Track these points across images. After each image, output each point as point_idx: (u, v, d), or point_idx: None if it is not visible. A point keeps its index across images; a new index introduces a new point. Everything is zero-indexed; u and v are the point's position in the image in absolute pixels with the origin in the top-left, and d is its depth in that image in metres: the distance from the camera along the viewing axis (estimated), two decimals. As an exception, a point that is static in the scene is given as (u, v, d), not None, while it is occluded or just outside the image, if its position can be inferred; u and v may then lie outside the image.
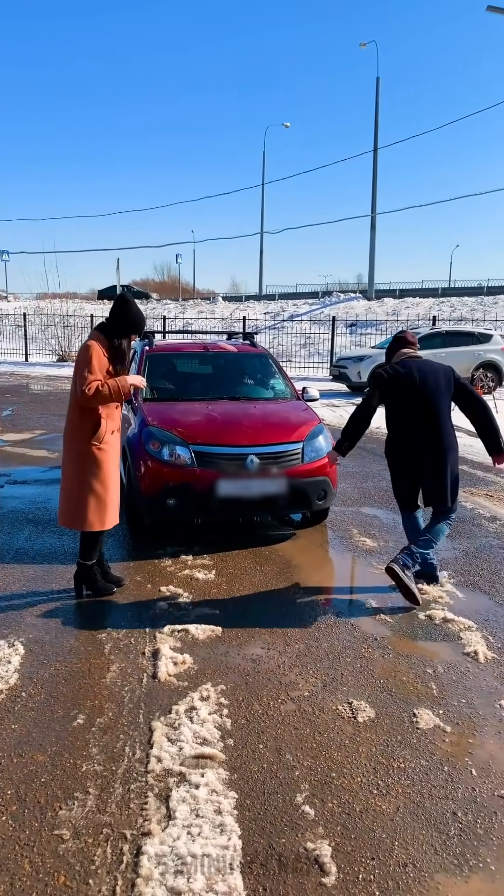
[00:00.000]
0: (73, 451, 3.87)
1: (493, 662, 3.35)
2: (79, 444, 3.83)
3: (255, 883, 2.00)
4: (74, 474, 3.85)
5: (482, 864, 2.08)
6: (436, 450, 4.04)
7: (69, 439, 3.91)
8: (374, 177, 33.19)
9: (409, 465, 4.14)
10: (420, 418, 4.05)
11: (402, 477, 4.24)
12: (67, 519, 3.92)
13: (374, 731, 2.77)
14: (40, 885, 1.99)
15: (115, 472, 3.95)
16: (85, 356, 3.75)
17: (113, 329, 3.85)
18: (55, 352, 24.22)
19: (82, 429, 3.81)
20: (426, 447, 4.05)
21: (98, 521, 3.86)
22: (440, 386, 4.07)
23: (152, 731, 2.73)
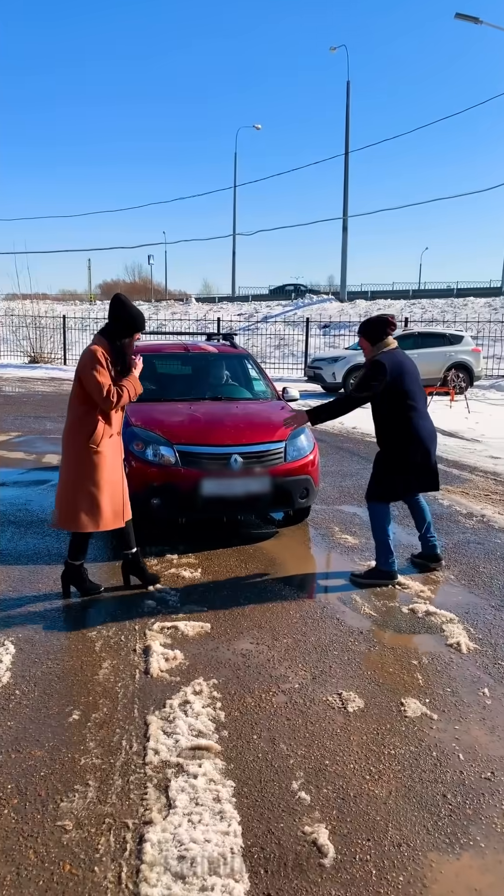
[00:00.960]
0: (70, 452, 3.90)
1: (475, 653, 3.47)
2: (75, 446, 3.86)
3: (257, 865, 2.07)
4: (69, 475, 3.88)
5: (472, 842, 2.18)
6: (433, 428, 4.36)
7: (66, 441, 3.94)
8: (346, 180, 33.52)
9: (423, 451, 4.23)
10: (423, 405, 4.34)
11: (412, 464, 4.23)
12: (61, 519, 3.93)
13: (364, 720, 2.86)
14: (46, 874, 2.03)
15: (114, 475, 3.94)
16: (91, 362, 3.77)
17: (114, 331, 3.89)
18: (27, 353, 24.00)
19: (79, 431, 3.84)
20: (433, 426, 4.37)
21: (91, 523, 3.87)
22: None
23: (148, 724, 2.78)
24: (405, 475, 4.29)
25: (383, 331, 4.35)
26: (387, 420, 4.29)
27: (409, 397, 4.23)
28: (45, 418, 11.81)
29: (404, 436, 4.22)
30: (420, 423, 4.25)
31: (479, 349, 17.11)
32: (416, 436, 4.21)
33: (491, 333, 20.94)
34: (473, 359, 16.42)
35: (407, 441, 4.22)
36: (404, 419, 4.21)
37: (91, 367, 3.77)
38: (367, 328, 4.43)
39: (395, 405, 4.23)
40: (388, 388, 4.19)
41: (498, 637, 3.64)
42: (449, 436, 10.38)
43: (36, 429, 10.66)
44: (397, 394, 4.21)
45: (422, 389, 4.38)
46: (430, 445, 4.27)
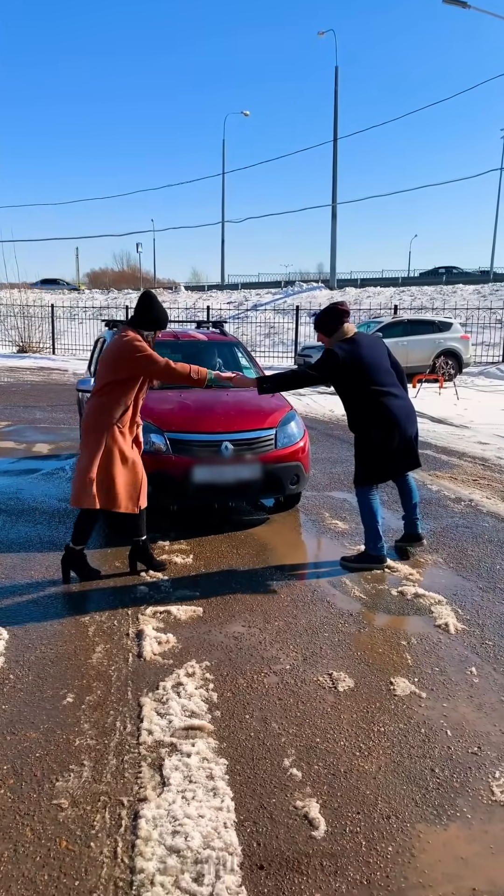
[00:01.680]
0: (91, 435, 3.96)
1: (462, 633, 3.53)
2: (97, 429, 3.93)
3: (249, 838, 2.12)
4: (89, 456, 3.93)
5: (459, 814, 2.24)
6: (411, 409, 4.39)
7: (89, 425, 4.00)
8: (335, 166, 33.40)
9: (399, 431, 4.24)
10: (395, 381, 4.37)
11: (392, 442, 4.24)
12: (75, 497, 3.99)
13: (354, 699, 2.91)
14: (43, 850, 2.07)
15: (132, 461, 4.03)
16: (134, 343, 3.90)
17: (141, 324, 4.01)
18: (15, 343, 23.85)
19: (102, 413, 3.94)
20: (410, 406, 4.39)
21: (106, 501, 3.94)
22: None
23: (141, 706, 2.82)
24: (384, 457, 4.29)
25: (337, 320, 4.29)
26: (355, 406, 4.31)
27: (374, 382, 4.21)
28: (34, 408, 11.78)
29: (376, 419, 4.23)
30: (391, 404, 4.22)
31: (468, 336, 17.18)
32: (388, 417, 4.21)
33: (479, 320, 21.01)
34: (462, 346, 16.49)
35: (379, 424, 4.22)
36: (373, 403, 4.21)
37: (136, 349, 3.90)
38: (319, 321, 4.36)
39: (360, 392, 4.23)
40: (349, 376, 4.20)
41: (485, 618, 3.71)
42: (438, 422, 10.45)
43: (25, 418, 10.64)
44: (359, 381, 4.21)
45: (389, 370, 4.33)
46: (405, 424, 4.26)
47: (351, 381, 4.22)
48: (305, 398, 13.48)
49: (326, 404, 12.56)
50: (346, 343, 4.23)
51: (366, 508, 4.40)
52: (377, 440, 4.24)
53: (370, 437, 4.27)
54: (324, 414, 11.40)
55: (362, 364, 4.19)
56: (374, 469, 4.35)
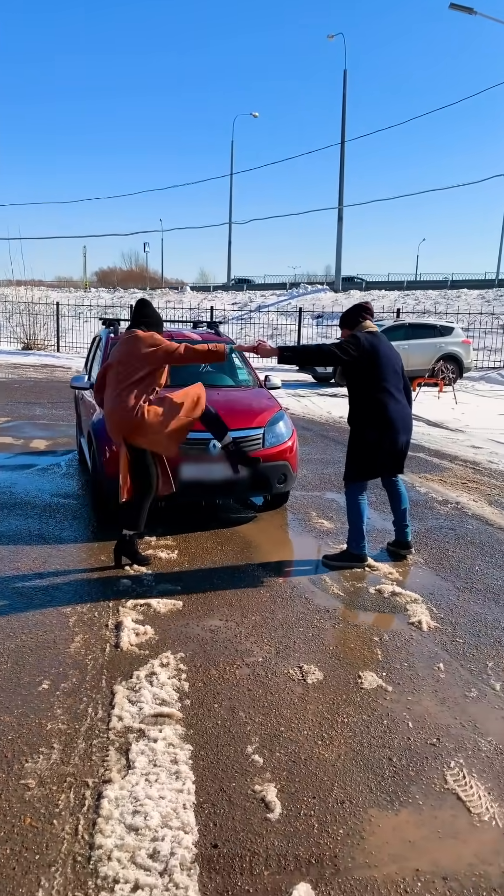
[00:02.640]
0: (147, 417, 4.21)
1: (435, 631, 3.60)
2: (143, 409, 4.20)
3: (207, 819, 2.20)
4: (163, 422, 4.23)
5: (411, 800, 2.31)
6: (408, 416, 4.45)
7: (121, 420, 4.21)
8: (342, 169, 33.46)
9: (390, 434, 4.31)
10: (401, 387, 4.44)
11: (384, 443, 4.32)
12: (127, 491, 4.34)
13: (321, 691, 2.99)
14: (7, 826, 2.16)
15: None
16: (151, 338, 4.26)
17: (150, 326, 4.40)
18: (20, 340, 24.00)
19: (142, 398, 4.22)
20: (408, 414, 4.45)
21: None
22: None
23: (114, 693, 2.91)
24: (373, 456, 4.37)
25: (359, 314, 4.47)
26: (358, 400, 4.38)
27: (382, 379, 4.30)
28: (35, 404, 11.90)
29: (373, 417, 4.30)
30: (391, 406, 4.31)
31: (470, 341, 17.21)
32: (385, 418, 4.28)
33: (482, 325, 21.04)
34: (463, 350, 16.53)
35: (376, 423, 4.30)
36: (374, 400, 4.29)
37: (155, 342, 4.21)
38: (344, 317, 4.57)
39: (367, 385, 4.30)
40: (363, 366, 4.27)
41: (458, 617, 3.78)
42: (434, 426, 10.52)
43: (25, 414, 10.75)
44: (370, 374, 4.28)
45: (398, 376, 4.44)
46: (400, 429, 4.34)
47: (363, 372, 4.30)
48: (304, 399, 13.56)
49: (324, 406, 12.63)
50: (368, 334, 4.36)
51: (353, 507, 4.47)
52: (370, 439, 4.32)
53: (364, 435, 4.35)
54: (320, 415, 11.47)
55: (378, 356, 4.30)
56: (362, 466, 4.42)
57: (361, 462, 4.41)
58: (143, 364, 4.23)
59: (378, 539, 5.06)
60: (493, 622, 3.71)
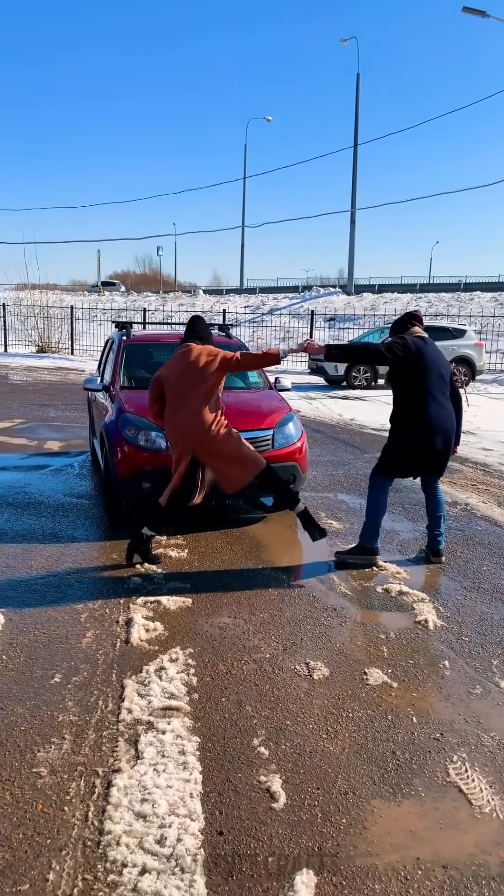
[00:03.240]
0: (222, 431, 4.32)
1: (441, 629, 3.64)
2: (219, 424, 4.32)
3: (213, 807, 2.26)
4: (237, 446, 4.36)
5: (414, 792, 2.36)
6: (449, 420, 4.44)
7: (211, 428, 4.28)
8: (354, 172, 33.50)
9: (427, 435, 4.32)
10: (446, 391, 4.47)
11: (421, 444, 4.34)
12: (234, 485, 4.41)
13: (327, 686, 3.04)
14: (20, 812, 2.22)
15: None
16: (208, 350, 4.39)
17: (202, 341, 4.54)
18: (34, 343, 24.25)
19: (216, 411, 4.35)
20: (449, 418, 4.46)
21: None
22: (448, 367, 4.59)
23: (124, 687, 2.97)
24: (407, 455, 4.40)
25: (408, 321, 4.60)
26: (401, 400, 4.43)
27: (426, 382, 4.34)
28: (49, 406, 12.04)
29: (413, 418, 4.34)
30: (432, 410, 4.32)
31: (482, 343, 17.18)
32: (424, 420, 4.30)
33: (495, 328, 20.97)
34: (476, 353, 16.51)
35: (414, 423, 4.33)
36: (416, 402, 4.32)
37: (212, 353, 4.36)
38: (394, 325, 4.68)
39: (411, 387, 4.34)
40: (408, 368, 4.33)
41: (465, 616, 3.81)
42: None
43: (39, 416, 10.88)
44: (414, 376, 4.33)
45: (444, 381, 4.45)
46: (437, 431, 4.33)
47: (408, 374, 4.35)
48: (315, 402, 13.60)
49: (336, 408, 12.67)
50: (417, 338, 4.44)
51: (374, 501, 4.52)
52: (410, 438, 4.36)
53: (402, 434, 4.39)
54: (332, 418, 11.51)
55: (424, 360, 4.35)
56: (395, 463, 4.47)
57: (396, 459, 4.47)
58: (204, 376, 4.31)
59: (386, 539, 5.09)
60: (499, 621, 3.74)
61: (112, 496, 5.33)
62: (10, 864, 2.02)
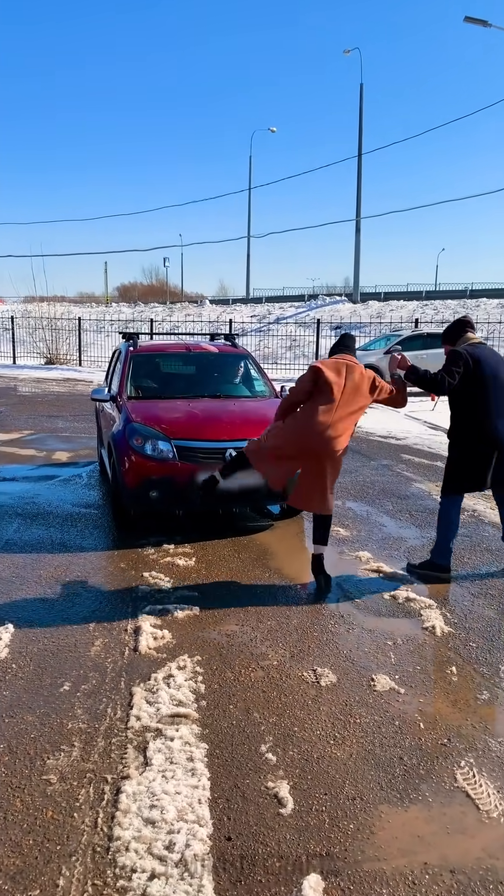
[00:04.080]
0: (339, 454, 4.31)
1: (448, 635, 3.64)
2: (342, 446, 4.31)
3: (221, 813, 2.27)
4: (334, 470, 4.34)
5: (421, 797, 2.36)
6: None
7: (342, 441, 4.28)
8: (359, 181, 33.67)
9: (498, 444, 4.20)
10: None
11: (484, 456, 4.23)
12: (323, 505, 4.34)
13: (334, 693, 3.05)
14: (30, 819, 2.25)
15: None
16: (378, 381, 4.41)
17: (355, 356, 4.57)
18: (43, 355, 24.40)
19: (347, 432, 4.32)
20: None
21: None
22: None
23: (132, 695, 2.99)
24: (469, 468, 4.28)
25: (461, 329, 4.48)
26: (463, 414, 4.29)
27: (486, 392, 4.20)
28: (57, 417, 12.11)
29: (474, 429, 4.22)
30: (495, 419, 4.19)
31: (489, 349, 17.14)
32: (487, 432, 4.19)
33: (502, 334, 20.93)
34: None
35: (476, 435, 4.22)
36: (477, 413, 4.21)
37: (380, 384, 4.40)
38: (445, 332, 4.59)
39: (470, 398, 4.22)
40: (467, 378, 4.20)
41: (473, 622, 3.81)
42: (452, 434, 10.50)
43: (48, 427, 10.95)
44: (473, 387, 4.21)
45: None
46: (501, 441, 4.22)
47: (467, 385, 4.21)
48: (323, 410, 13.62)
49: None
50: (470, 346, 4.34)
51: (445, 519, 4.42)
52: (480, 451, 4.23)
53: (472, 447, 4.26)
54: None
55: (482, 370, 4.21)
56: (463, 479, 4.35)
57: (462, 475, 4.34)
58: (365, 400, 4.36)
59: (393, 546, 5.10)
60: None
61: (120, 505, 5.36)
62: (20, 869, 2.04)
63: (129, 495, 5.17)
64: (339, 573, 4.55)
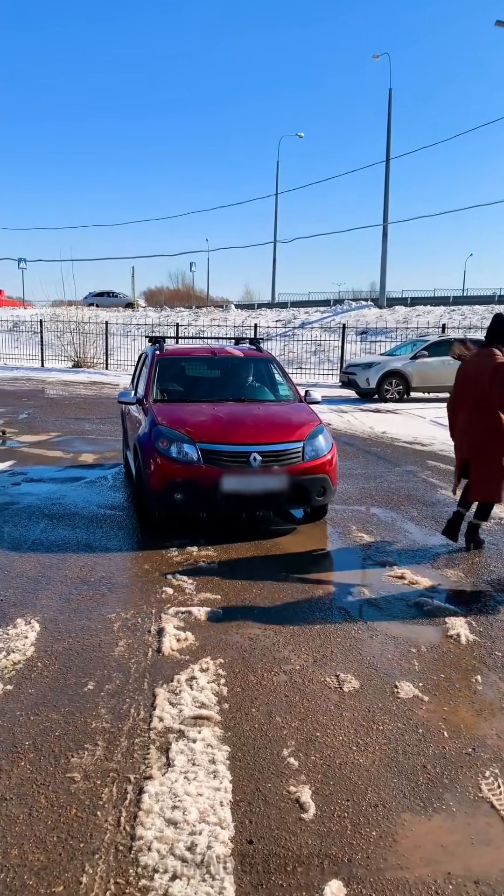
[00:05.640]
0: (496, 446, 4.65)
1: (473, 644, 3.60)
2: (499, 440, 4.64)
3: (243, 816, 2.27)
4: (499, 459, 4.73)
5: (445, 807, 2.34)
6: None
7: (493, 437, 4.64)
8: (387, 187, 33.50)
9: None
10: None
11: None
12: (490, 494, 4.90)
13: (357, 699, 3.03)
14: (54, 816, 2.27)
15: None
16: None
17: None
18: (70, 358, 24.71)
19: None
20: None
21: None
22: None
23: (155, 696, 3.01)
24: None
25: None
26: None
27: None
28: (84, 420, 12.25)
29: None
30: None
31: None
32: None
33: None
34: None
35: None
36: None
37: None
38: (490, 331, 4.76)
39: None
40: None
41: (497, 631, 3.76)
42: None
43: (75, 429, 11.08)
44: None
45: None
46: None
47: None
48: (346, 415, 13.57)
49: (367, 421, 12.62)
50: None
51: None
52: None
53: None
54: (363, 431, 11.47)
55: None
56: None
57: None
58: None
59: (417, 552, 5.06)
60: (533, 636, 3.68)
61: (144, 506, 5.41)
62: (44, 865, 2.06)
63: (153, 497, 5.21)
64: (363, 579, 4.53)
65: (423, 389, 16.07)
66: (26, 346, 26.42)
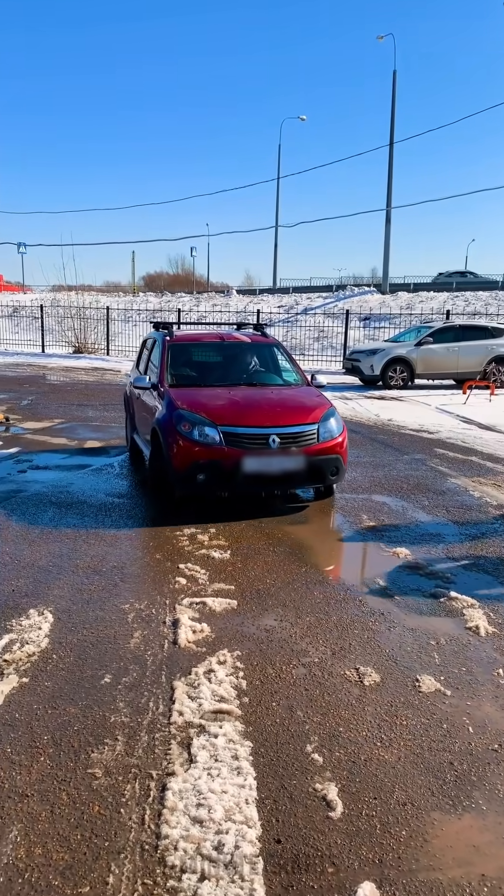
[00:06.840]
0: None
1: (493, 636, 3.55)
2: None
3: (269, 814, 2.23)
4: None
5: (474, 805, 2.30)
6: None
7: None
8: (390, 171, 33.17)
9: None
10: None
11: None
12: None
13: (379, 693, 2.99)
14: (77, 813, 2.23)
15: None
16: None
17: None
18: (71, 343, 24.55)
19: None
20: None
21: None
22: None
23: (174, 689, 2.96)
24: None
25: None
26: None
27: None
28: (87, 406, 12.16)
29: None
30: None
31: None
32: None
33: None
34: (515, 352, 16.16)
35: None
36: None
37: None
38: None
39: None
40: None
41: (517, 622, 3.72)
42: (486, 429, 10.34)
43: (78, 416, 11.00)
44: None
45: None
46: None
47: None
48: (351, 402, 13.49)
49: (372, 408, 12.54)
50: None
51: None
52: None
53: None
54: (368, 418, 11.40)
55: None
56: None
57: None
58: None
59: (432, 543, 5.01)
60: (553, 629, 3.64)
61: (162, 488, 5.47)
62: (69, 865, 2.02)
63: (177, 478, 5.25)
64: (377, 569, 4.48)
65: (428, 376, 15.96)
66: (27, 332, 26.25)
